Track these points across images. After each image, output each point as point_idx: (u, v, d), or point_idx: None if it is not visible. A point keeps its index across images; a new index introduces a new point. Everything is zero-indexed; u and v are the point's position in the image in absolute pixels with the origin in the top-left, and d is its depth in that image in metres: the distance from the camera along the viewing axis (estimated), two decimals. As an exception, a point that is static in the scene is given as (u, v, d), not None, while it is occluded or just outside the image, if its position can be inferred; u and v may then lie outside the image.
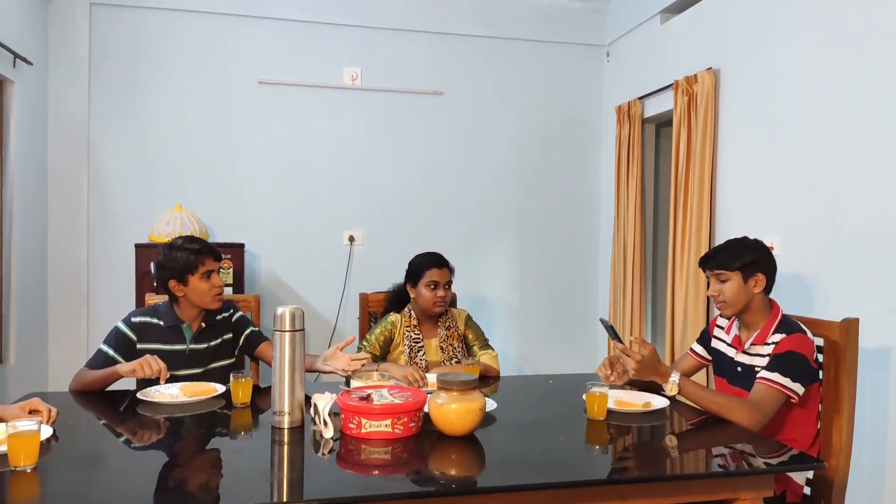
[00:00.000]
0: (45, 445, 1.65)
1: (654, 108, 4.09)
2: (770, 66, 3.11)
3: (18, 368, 3.56)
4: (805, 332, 2.06)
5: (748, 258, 2.13)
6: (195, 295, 2.36)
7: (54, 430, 1.76)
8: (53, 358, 3.96)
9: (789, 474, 2.00)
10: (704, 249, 3.44)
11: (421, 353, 2.66)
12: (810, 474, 2.06)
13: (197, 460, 1.69)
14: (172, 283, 2.35)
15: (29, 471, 1.49)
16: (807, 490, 2.06)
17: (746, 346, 2.13)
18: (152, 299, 2.69)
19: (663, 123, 4.33)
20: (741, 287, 2.11)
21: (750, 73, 3.25)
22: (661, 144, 4.46)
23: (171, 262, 2.35)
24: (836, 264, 2.72)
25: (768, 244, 3.00)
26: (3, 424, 1.66)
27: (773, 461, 1.71)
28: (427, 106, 4.43)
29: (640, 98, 4.16)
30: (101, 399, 2.21)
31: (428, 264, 2.70)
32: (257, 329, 2.59)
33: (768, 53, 3.13)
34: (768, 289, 2.15)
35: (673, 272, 3.67)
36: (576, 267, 4.73)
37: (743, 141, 3.30)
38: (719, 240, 3.42)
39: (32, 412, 1.77)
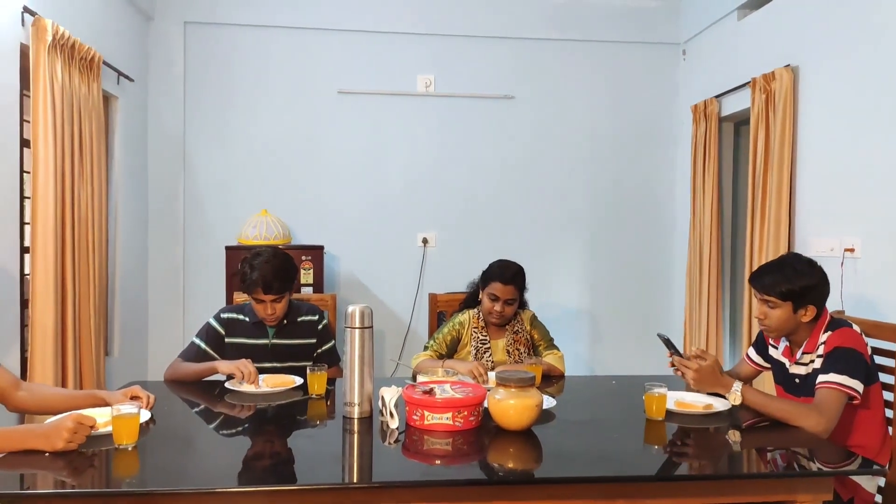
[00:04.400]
0: (144, 427, 1.84)
1: (731, 106, 4.01)
2: (851, 62, 3.01)
3: (122, 360, 3.89)
4: (850, 326, 2.02)
5: (800, 285, 2.01)
6: (255, 307, 2.54)
7: (152, 415, 1.96)
8: (153, 350, 4.29)
9: (858, 481, 1.96)
10: (783, 252, 3.35)
11: (487, 354, 2.72)
12: (882, 481, 2.01)
13: (276, 444, 1.85)
14: (242, 289, 2.55)
15: (130, 449, 1.68)
16: (878, 498, 2.01)
17: (798, 356, 2.10)
18: (240, 297, 2.91)
19: (742, 122, 4.24)
20: (790, 316, 2.03)
21: (831, 70, 3.15)
22: (740, 143, 4.36)
23: (240, 275, 2.53)
24: (919, 267, 2.61)
25: (849, 246, 2.96)
26: (108, 408, 1.86)
27: (832, 465, 1.69)
28: (498, 110, 4.51)
29: (717, 96, 4.09)
30: (193, 388, 2.42)
31: (493, 276, 2.70)
32: (334, 346, 2.71)
33: (849, 49, 3.03)
34: (818, 315, 2.07)
35: (750, 275, 3.59)
36: (650, 269, 4.68)
37: (823, 140, 3.20)
38: (798, 244, 3.34)
39: (133, 398, 1.97)
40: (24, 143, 2.92)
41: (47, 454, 1.60)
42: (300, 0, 4.30)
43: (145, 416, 1.89)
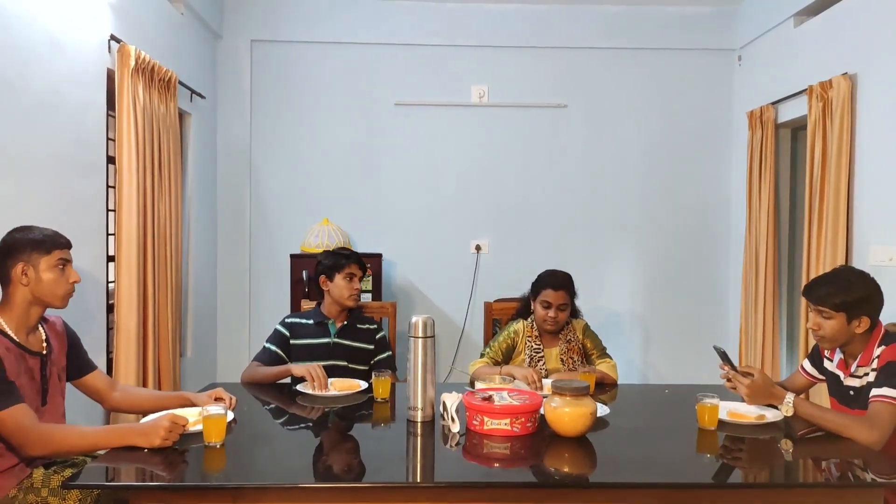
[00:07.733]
0: (229, 426, 1.99)
1: (788, 113, 3.99)
2: (910, 71, 2.99)
3: (194, 360, 4.12)
4: None
5: (854, 296, 2.05)
6: (336, 291, 2.80)
7: (234, 415, 2.12)
8: (221, 351, 4.53)
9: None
10: (841, 262, 3.33)
11: (541, 362, 2.81)
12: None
13: (345, 444, 1.99)
14: (322, 278, 2.83)
15: (218, 447, 1.84)
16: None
17: (853, 369, 2.13)
18: (306, 305, 3.11)
19: (800, 128, 4.21)
20: (843, 327, 2.07)
21: (890, 79, 3.13)
22: (797, 150, 4.32)
23: (326, 260, 2.87)
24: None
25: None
26: (196, 408, 2.04)
27: (885, 476, 1.72)
28: (551, 119, 4.59)
29: (773, 103, 4.07)
30: (268, 390, 2.59)
31: (545, 284, 2.81)
32: (391, 356, 2.91)
33: (908, 58, 3.00)
34: (872, 327, 2.09)
35: (807, 284, 3.57)
36: (704, 277, 4.68)
37: (882, 149, 3.17)
38: (857, 253, 3.32)
39: (217, 399, 2.15)
40: (110, 160, 3.15)
41: (146, 450, 1.77)
42: (359, 17, 4.47)
43: (230, 416, 2.04)
